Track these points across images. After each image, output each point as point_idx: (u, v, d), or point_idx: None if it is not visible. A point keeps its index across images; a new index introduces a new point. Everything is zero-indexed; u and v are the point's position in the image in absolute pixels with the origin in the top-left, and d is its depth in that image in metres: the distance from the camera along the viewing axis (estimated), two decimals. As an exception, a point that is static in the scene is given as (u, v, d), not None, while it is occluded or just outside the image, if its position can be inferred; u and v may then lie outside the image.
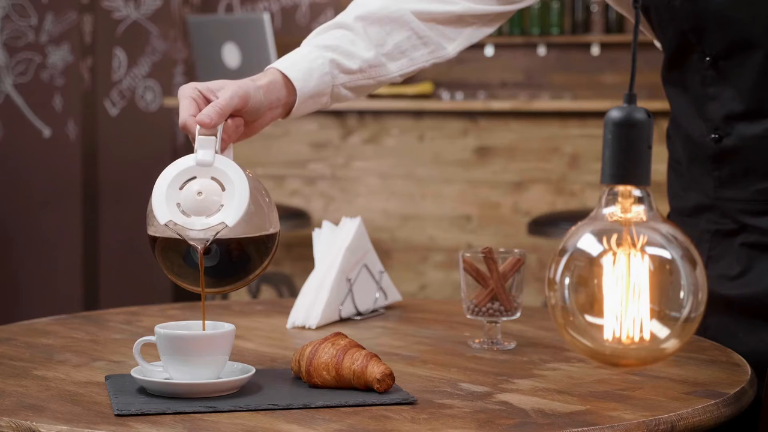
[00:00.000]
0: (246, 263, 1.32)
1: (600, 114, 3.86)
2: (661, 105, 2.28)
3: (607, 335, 1.13)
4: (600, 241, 1.13)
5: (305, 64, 1.53)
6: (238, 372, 1.31)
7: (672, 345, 1.14)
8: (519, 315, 1.56)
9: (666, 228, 1.14)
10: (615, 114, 1.13)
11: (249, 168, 1.34)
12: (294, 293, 4.12)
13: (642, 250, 1.12)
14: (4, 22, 5.23)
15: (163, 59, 5.26)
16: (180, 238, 1.27)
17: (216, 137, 1.33)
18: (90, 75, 5.25)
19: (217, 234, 1.26)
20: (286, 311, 1.74)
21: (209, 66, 4.26)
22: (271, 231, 1.33)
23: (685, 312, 1.13)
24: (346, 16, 1.61)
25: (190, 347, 1.27)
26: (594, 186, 4.02)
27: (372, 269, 1.79)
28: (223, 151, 1.36)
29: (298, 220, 4.08)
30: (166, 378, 1.28)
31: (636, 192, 1.14)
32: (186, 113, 1.36)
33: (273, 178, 4.36)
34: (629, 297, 1.12)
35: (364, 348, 1.32)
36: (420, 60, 1.65)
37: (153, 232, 1.31)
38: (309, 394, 1.27)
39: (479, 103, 4.23)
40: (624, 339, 1.12)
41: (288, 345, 1.58)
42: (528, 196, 4.10)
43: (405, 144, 4.22)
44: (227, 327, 1.31)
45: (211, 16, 5.22)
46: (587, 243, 1.14)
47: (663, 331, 1.13)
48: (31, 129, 5.26)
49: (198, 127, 1.33)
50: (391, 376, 1.27)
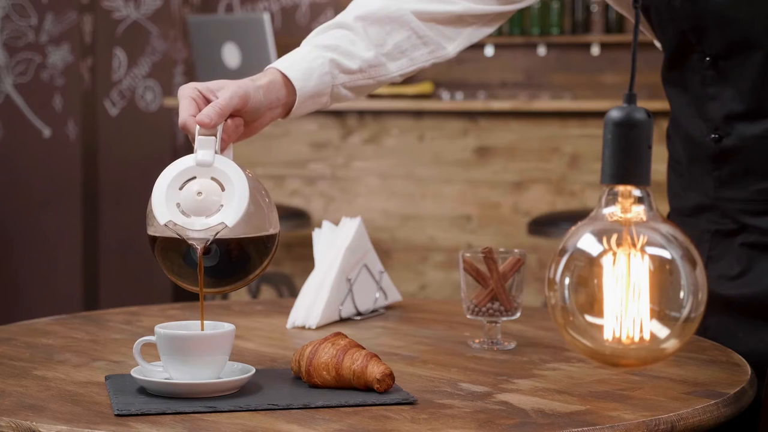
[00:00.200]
0: (246, 263, 1.32)
1: (600, 114, 3.86)
2: (661, 105, 2.28)
3: (607, 335, 1.12)
4: (600, 241, 1.13)
5: (305, 64, 1.53)
6: (238, 372, 1.31)
7: (672, 345, 1.14)
8: (519, 315, 1.56)
9: (666, 228, 1.14)
10: (615, 114, 1.13)
11: (249, 168, 1.34)
12: (294, 293, 4.12)
13: (642, 250, 1.12)
14: (4, 22, 5.23)
15: (163, 59, 5.26)
16: (180, 238, 1.27)
17: (216, 137, 1.33)
18: (90, 75, 5.25)
19: (217, 234, 1.26)
20: (286, 311, 1.74)
21: (209, 66, 4.26)
22: (271, 231, 1.33)
23: (685, 312, 1.12)
24: (345, 15, 1.61)
25: (190, 347, 1.27)
26: (594, 186, 4.02)
27: (372, 269, 1.79)
28: (223, 151, 1.36)
29: (298, 220, 4.08)
30: (166, 378, 1.28)
31: (636, 192, 1.14)
32: (186, 113, 1.36)
33: (273, 178, 4.36)
34: (629, 297, 1.12)
35: (364, 348, 1.32)
36: (420, 60, 1.65)
37: (153, 232, 1.31)
38: (309, 394, 1.27)
39: (479, 103, 4.23)
40: (624, 339, 1.12)
41: (288, 345, 1.58)
42: (528, 196, 4.10)
43: (405, 144, 4.22)
44: (227, 327, 1.31)
45: (211, 16, 5.21)
46: (587, 243, 1.14)
47: (663, 331, 1.13)
48: (31, 129, 5.26)
49: (198, 127, 1.33)
50: (391, 376, 1.27)
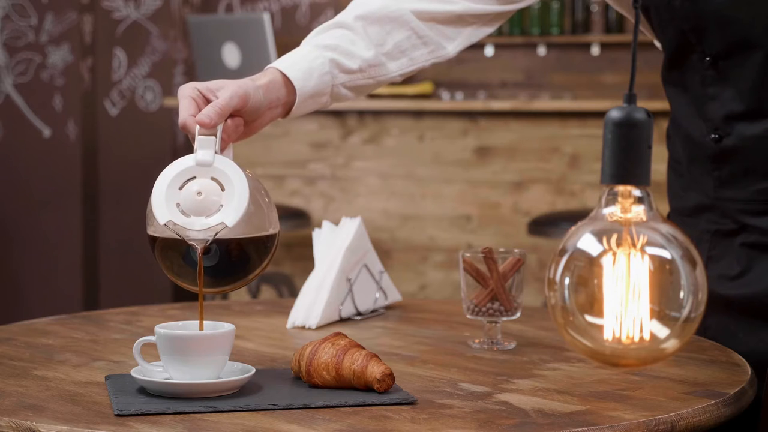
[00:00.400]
0: (245, 263, 1.32)
1: (600, 114, 3.85)
2: (661, 105, 2.28)
3: (607, 335, 1.12)
4: (600, 241, 1.13)
5: (305, 63, 1.53)
6: (238, 372, 1.31)
7: (672, 345, 1.13)
8: (519, 315, 1.56)
9: (666, 228, 1.14)
10: (615, 114, 1.13)
11: (249, 168, 1.34)
12: (294, 293, 4.12)
13: (642, 250, 1.12)
14: (4, 22, 5.23)
15: (163, 59, 5.26)
16: (180, 238, 1.27)
17: (216, 137, 1.33)
18: (90, 75, 5.25)
19: (217, 234, 1.26)
20: (286, 311, 1.74)
21: (209, 66, 4.26)
22: (271, 231, 1.33)
23: (685, 312, 1.12)
24: (345, 15, 1.61)
25: (190, 347, 1.27)
26: (594, 186, 4.02)
27: (372, 269, 1.79)
28: (223, 151, 1.36)
29: (298, 220, 4.08)
30: (166, 378, 1.28)
31: (636, 192, 1.14)
32: (186, 113, 1.36)
33: (273, 178, 4.36)
34: (629, 297, 1.12)
35: (364, 348, 1.31)
36: (420, 60, 1.65)
37: (153, 231, 1.31)
38: (309, 394, 1.27)
39: (479, 103, 4.23)
40: (624, 339, 1.12)
41: (288, 345, 1.58)
42: (528, 196, 4.09)
43: (405, 144, 4.22)
44: (227, 327, 1.31)
45: (211, 16, 5.21)
46: (587, 243, 1.14)
47: (663, 331, 1.13)
48: (31, 129, 5.26)
49: (198, 127, 1.33)
50: (391, 376, 1.27)
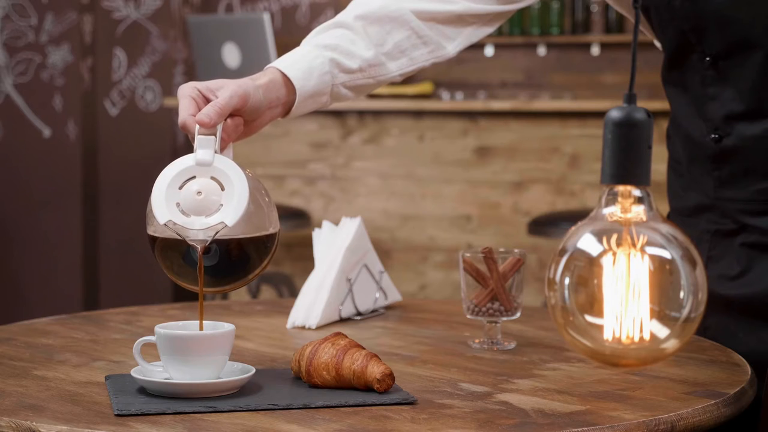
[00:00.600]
0: (245, 263, 1.32)
1: (600, 114, 3.85)
2: (661, 105, 2.28)
3: (607, 335, 1.12)
4: (600, 241, 1.13)
5: (305, 63, 1.53)
6: (238, 372, 1.31)
7: (672, 345, 1.13)
8: (519, 315, 1.56)
9: (666, 228, 1.14)
10: (615, 114, 1.13)
11: (249, 168, 1.34)
12: (294, 293, 4.12)
13: (642, 250, 1.12)
14: (4, 22, 5.23)
15: (163, 59, 5.26)
16: (179, 237, 1.27)
17: (215, 137, 1.33)
18: (90, 75, 5.25)
19: (217, 234, 1.26)
20: (286, 311, 1.74)
21: (209, 66, 4.26)
22: (271, 231, 1.33)
23: (685, 312, 1.12)
24: (345, 15, 1.61)
25: (190, 347, 1.27)
26: (594, 186, 4.02)
27: (372, 269, 1.79)
28: (223, 151, 1.36)
29: (298, 220, 4.08)
30: (166, 378, 1.28)
31: (636, 192, 1.14)
32: (185, 113, 1.36)
33: (273, 178, 4.36)
34: (629, 297, 1.12)
35: (364, 348, 1.31)
36: (420, 59, 1.65)
37: (153, 231, 1.31)
38: (309, 394, 1.27)
39: (479, 103, 4.23)
40: (624, 339, 1.12)
41: (288, 345, 1.58)
42: (528, 196, 4.09)
43: (405, 144, 4.22)
44: (227, 327, 1.31)
45: (211, 16, 5.21)
46: (587, 243, 1.14)
47: (663, 331, 1.13)
48: (31, 129, 5.26)
49: (197, 127, 1.33)
50: (391, 376, 1.27)
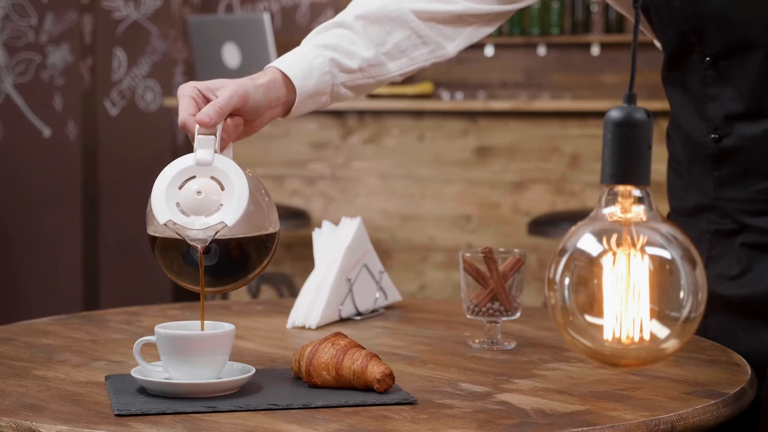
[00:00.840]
0: (245, 263, 1.32)
1: (600, 114, 3.85)
2: (661, 105, 2.28)
3: (607, 335, 1.12)
4: (600, 241, 1.13)
5: (305, 63, 1.53)
6: (238, 372, 1.31)
7: (672, 345, 1.13)
8: (519, 315, 1.56)
9: (666, 228, 1.14)
10: (615, 114, 1.13)
11: (249, 168, 1.34)
12: (294, 293, 4.12)
13: (642, 250, 1.12)
14: (4, 22, 5.23)
15: (163, 59, 5.26)
16: (179, 237, 1.27)
17: (215, 136, 1.33)
18: (90, 75, 5.25)
19: (217, 233, 1.26)
20: (286, 311, 1.74)
21: (209, 66, 4.26)
22: (271, 230, 1.33)
23: (685, 312, 1.12)
24: (345, 15, 1.61)
25: (190, 347, 1.27)
26: (594, 186, 4.02)
27: (372, 269, 1.79)
28: (223, 151, 1.36)
29: (298, 220, 4.08)
30: (166, 378, 1.28)
31: (636, 192, 1.14)
32: (185, 112, 1.36)
33: (273, 178, 4.36)
34: (629, 297, 1.12)
35: (364, 348, 1.31)
36: (420, 59, 1.65)
37: (153, 231, 1.31)
38: (309, 394, 1.27)
39: (479, 103, 4.23)
40: (624, 339, 1.12)
41: (288, 345, 1.58)
42: (528, 196, 4.09)
43: (405, 144, 4.22)
44: (227, 327, 1.31)
45: (211, 16, 5.21)
46: (587, 243, 1.14)
47: (663, 331, 1.13)
48: (31, 129, 5.26)
49: (197, 127, 1.33)
50: (391, 376, 1.27)
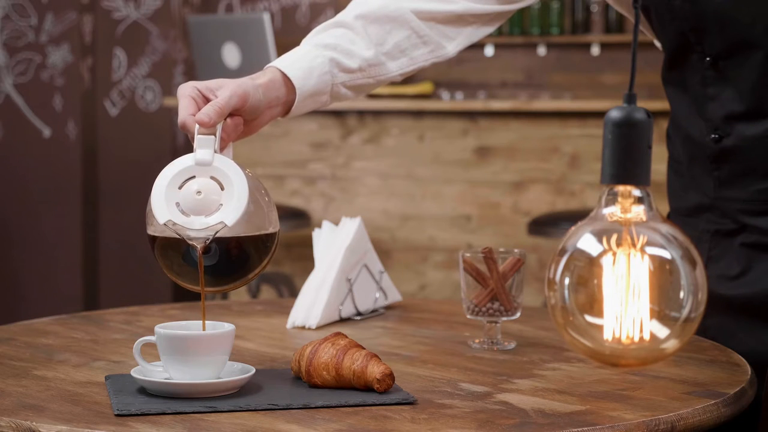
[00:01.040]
0: (245, 262, 1.32)
1: (600, 114, 3.85)
2: (661, 105, 2.28)
3: (607, 335, 1.12)
4: (600, 241, 1.13)
5: (305, 62, 1.53)
6: (238, 372, 1.31)
7: (672, 345, 1.13)
8: (519, 315, 1.56)
9: (666, 228, 1.14)
10: (615, 114, 1.13)
11: (249, 168, 1.34)
12: (294, 293, 4.12)
13: (642, 250, 1.12)
14: (4, 22, 5.23)
15: (163, 59, 5.26)
16: (179, 237, 1.27)
17: (215, 136, 1.33)
18: (90, 75, 5.24)
19: (217, 233, 1.26)
20: (286, 311, 1.74)
21: (209, 66, 4.26)
22: (271, 230, 1.33)
23: (685, 312, 1.12)
24: (345, 15, 1.61)
25: (190, 347, 1.27)
26: (594, 186, 4.02)
27: (372, 269, 1.79)
28: (223, 150, 1.36)
29: (298, 220, 4.08)
30: (166, 378, 1.28)
31: (636, 192, 1.14)
32: (185, 112, 1.36)
33: (273, 178, 4.36)
34: (629, 297, 1.12)
35: (364, 348, 1.31)
36: (420, 59, 1.65)
37: (152, 231, 1.31)
38: (309, 394, 1.27)
39: (479, 103, 4.23)
40: (624, 339, 1.12)
41: (288, 345, 1.58)
42: (528, 196, 4.09)
43: (405, 144, 4.22)
44: (227, 327, 1.31)
45: (211, 16, 5.21)
46: (587, 243, 1.14)
47: (663, 331, 1.13)
48: (31, 129, 5.26)
49: (197, 126, 1.33)
50: (391, 376, 1.27)
